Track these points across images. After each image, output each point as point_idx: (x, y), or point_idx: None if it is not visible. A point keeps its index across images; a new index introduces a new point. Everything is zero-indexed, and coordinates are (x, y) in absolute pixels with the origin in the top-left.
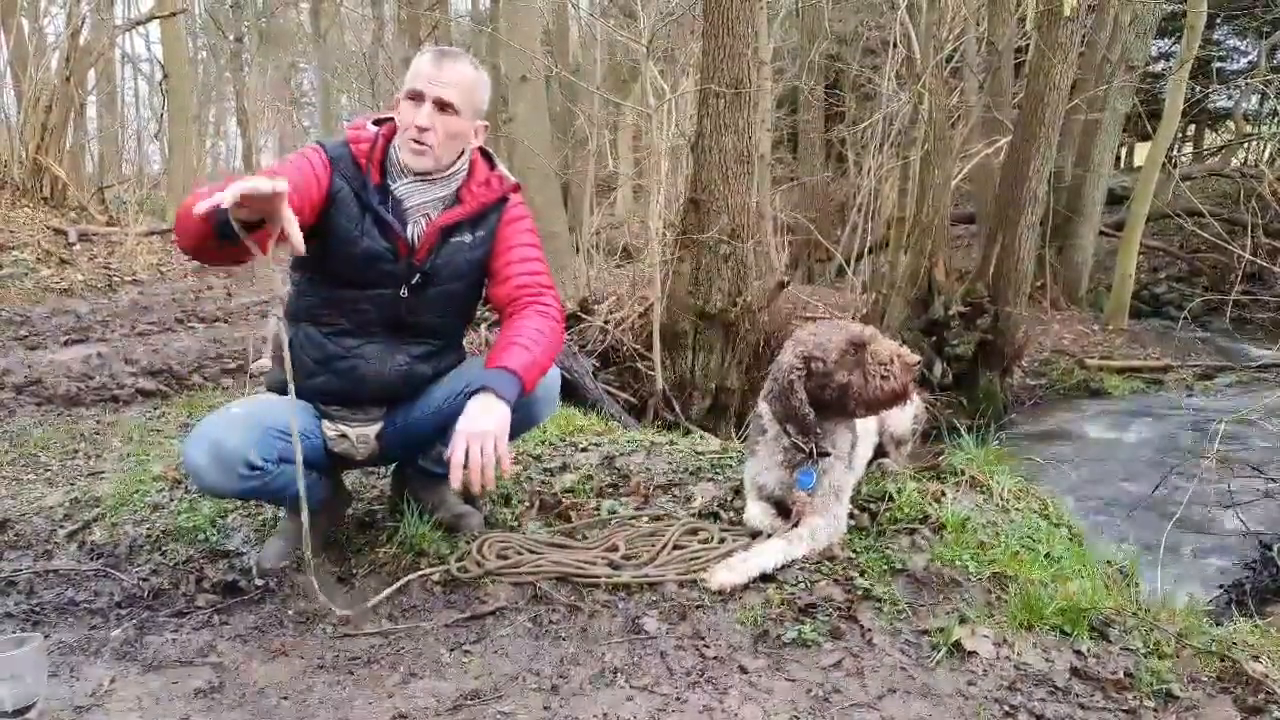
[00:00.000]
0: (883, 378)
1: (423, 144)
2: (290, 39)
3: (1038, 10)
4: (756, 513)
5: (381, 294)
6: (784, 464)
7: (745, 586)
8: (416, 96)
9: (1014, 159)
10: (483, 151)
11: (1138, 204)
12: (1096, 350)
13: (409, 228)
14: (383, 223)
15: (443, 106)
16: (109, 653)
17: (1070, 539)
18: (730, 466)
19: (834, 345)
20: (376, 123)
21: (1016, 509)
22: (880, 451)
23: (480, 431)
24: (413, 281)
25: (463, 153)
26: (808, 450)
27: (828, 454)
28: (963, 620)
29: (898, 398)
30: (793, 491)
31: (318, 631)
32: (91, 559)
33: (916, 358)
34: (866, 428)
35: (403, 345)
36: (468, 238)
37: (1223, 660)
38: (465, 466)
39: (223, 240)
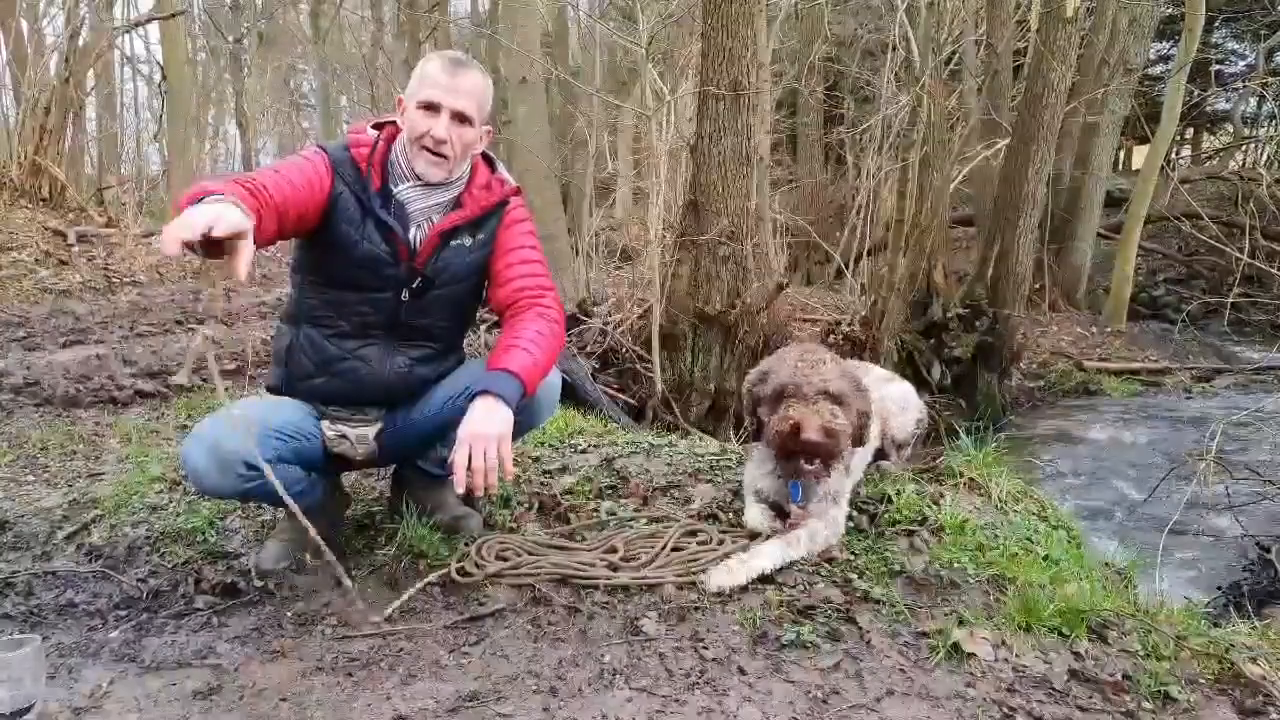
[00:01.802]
0: (777, 431)
1: (441, 155)
2: (289, 41)
3: (1041, 11)
4: (755, 515)
5: (382, 297)
6: (773, 472)
7: (744, 588)
8: (433, 107)
9: (1012, 161)
10: (483, 154)
11: (1136, 206)
12: (1095, 352)
13: (411, 231)
14: (384, 226)
15: (461, 119)
16: (107, 654)
17: (1069, 541)
18: (729, 468)
19: (770, 384)
20: (376, 126)
21: (1015, 511)
22: (880, 454)
23: (484, 435)
24: (413, 285)
25: None
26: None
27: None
28: (961, 622)
29: (781, 449)
30: (788, 501)
31: (316, 633)
32: (90, 560)
33: (792, 424)
34: (872, 429)
35: (402, 347)
36: (468, 241)
37: (1221, 662)
38: (468, 469)
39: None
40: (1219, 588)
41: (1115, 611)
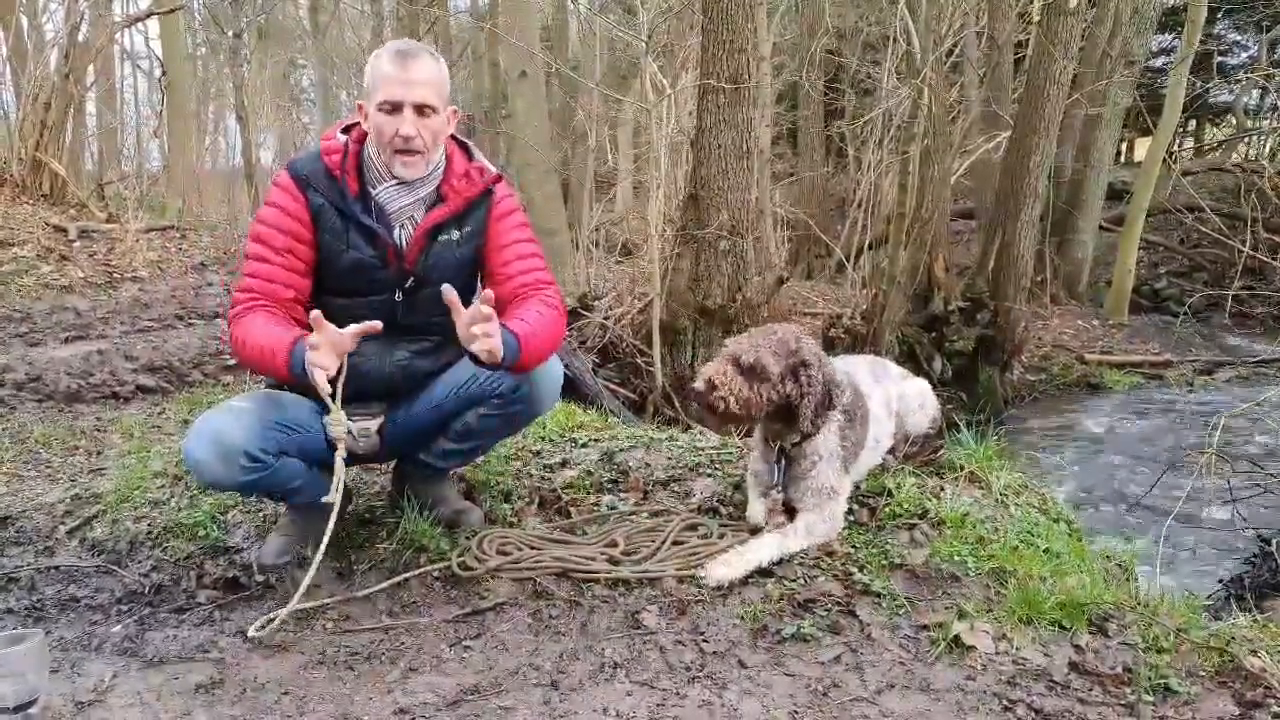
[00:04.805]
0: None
1: (412, 151)
2: (289, 35)
3: (1042, 3)
4: (756, 510)
5: (376, 300)
6: (765, 456)
7: (744, 581)
8: (394, 107)
9: (1014, 154)
10: (459, 142)
11: (1138, 199)
12: (1096, 345)
13: (396, 232)
14: (368, 231)
15: (422, 110)
16: (110, 649)
17: (1069, 534)
18: (729, 462)
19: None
20: (345, 130)
21: (1015, 504)
22: (894, 452)
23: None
24: (406, 286)
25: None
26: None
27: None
28: (961, 615)
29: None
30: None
31: (318, 627)
32: (92, 555)
33: (700, 387)
34: (883, 429)
35: (401, 342)
36: (455, 235)
37: (1221, 655)
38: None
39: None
40: (1220, 580)
41: (1116, 604)
